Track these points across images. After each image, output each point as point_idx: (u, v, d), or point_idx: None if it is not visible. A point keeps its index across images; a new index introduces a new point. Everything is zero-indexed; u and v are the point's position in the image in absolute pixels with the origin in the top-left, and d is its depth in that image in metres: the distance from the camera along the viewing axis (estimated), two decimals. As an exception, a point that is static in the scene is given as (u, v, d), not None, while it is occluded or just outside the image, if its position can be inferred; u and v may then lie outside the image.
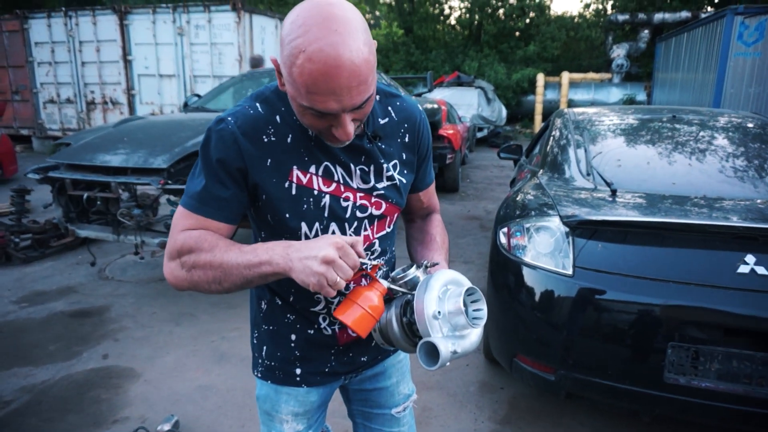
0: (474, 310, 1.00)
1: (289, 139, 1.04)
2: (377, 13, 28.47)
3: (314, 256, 0.89)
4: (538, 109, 16.15)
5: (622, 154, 2.87)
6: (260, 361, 1.25)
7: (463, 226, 6.08)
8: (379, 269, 1.02)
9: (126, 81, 10.41)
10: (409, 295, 1.01)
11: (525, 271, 2.30)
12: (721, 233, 2.01)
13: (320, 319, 1.18)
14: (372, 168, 1.11)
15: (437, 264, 1.13)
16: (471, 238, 5.63)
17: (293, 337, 1.20)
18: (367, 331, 0.98)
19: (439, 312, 0.94)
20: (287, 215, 1.05)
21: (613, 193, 2.38)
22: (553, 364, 2.18)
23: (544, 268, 2.21)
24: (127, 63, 10.31)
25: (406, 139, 1.17)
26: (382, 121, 1.13)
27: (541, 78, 16.05)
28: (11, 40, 11.35)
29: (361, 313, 0.96)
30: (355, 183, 1.09)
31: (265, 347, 1.24)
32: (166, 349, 3.23)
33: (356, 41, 0.85)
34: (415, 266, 1.05)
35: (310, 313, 1.17)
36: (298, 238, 1.07)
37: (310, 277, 0.89)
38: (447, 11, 22.41)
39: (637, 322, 1.98)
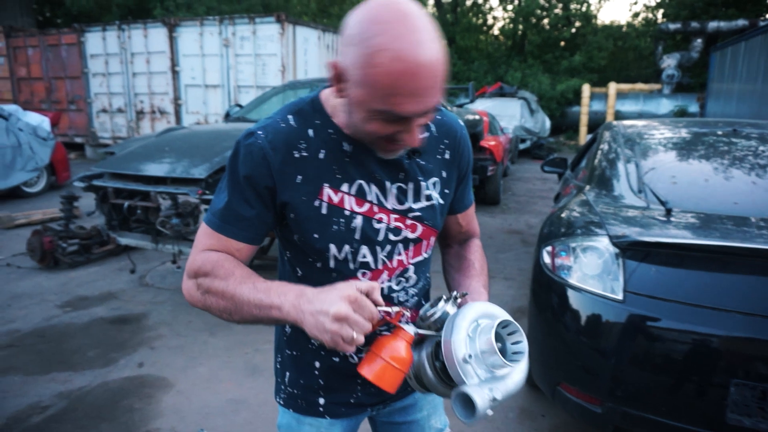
0: (513, 344, 0.88)
1: (321, 155, 0.97)
2: (420, 24, 28.51)
3: (325, 312, 0.81)
4: (583, 120, 15.74)
5: (677, 170, 2.68)
6: (282, 387, 1.18)
7: (504, 240, 5.91)
8: (404, 315, 0.91)
9: (173, 91, 10.74)
10: (439, 336, 0.90)
11: (570, 293, 2.16)
12: (792, 260, 1.83)
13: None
14: (410, 186, 1.03)
15: (466, 294, 1.02)
16: (512, 253, 5.46)
17: (317, 364, 1.12)
18: (395, 386, 0.87)
19: (470, 355, 0.83)
20: (315, 236, 0.99)
21: (668, 212, 2.21)
22: (599, 395, 2.03)
23: (592, 292, 2.07)
24: (175, 74, 10.64)
25: (447, 156, 1.09)
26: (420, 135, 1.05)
27: (586, 89, 15.66)
28: (69, 53, 11.92)
29: (384, 366, 0.86)
30: (390, 203, 1.02)
31: (287, 373, 1.17)
32: (199, 359, 3.22)
33: (434, 40, 0.81)
34: (443, 299, 0.94)
35: None
36: (326, 261, 1.01)
37: (324, 335, 0.82)
38: (490, 21, 22.27)
39: (696, 354, 1.82)
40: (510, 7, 20.68)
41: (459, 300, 0.95)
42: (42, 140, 8.00)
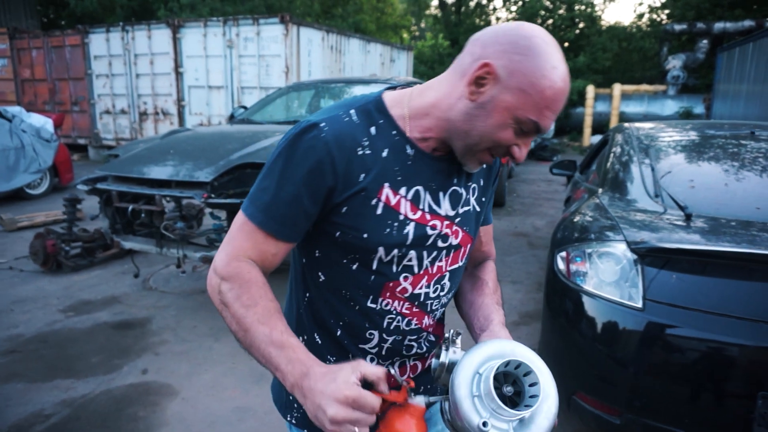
0: (524, 376, 0.81)
1: (384, 154, 0.94)
2: (423, 24, 28.51)
3: (323, 412, 0.78)
4: (588, 121, 15.64)
5: (694, 174, 2.62)
6: (296, 405, 1.12)
7: (510, 243, 5.85)
8: (409, 390, 0.86)
9: (177, 92, 10.68)
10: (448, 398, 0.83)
11: (586, 300, 2.10)
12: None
13: (368, 360, 1.04)
14: (462, 191, 1.03)
15: (461, 334, 0.95)
16: (519, 256, 5.39)
17: (334, 381, 1.06)
18: None
19: (484, 423, 0.77)
20: (365, 235, 0.94)
21: (688, 217, 2.15)
22: (618, 405, 1.97)
23: (609, 299, 2.01)
24: (179, 75, 10.58)
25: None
26: None
27: (590, 90, 15.56)
28: (72, 54, 11.88)
29: None
30: (443, 210, 1.00)
31: (302, 390, 1.11)
32: (204, 365, 3.16)
33: None
34: (443, 348, 0.88)
35: (358, 350, 1.04)
36: (369, 262, 0.97)
37: (324, 428, 0.80)
38: (494, 22, 22.19)
39: (720, 365, 1.76)
40: (514, 8, 20.63)
41: (456, 339, 0.89)
42: (45, 142, 7.97)
